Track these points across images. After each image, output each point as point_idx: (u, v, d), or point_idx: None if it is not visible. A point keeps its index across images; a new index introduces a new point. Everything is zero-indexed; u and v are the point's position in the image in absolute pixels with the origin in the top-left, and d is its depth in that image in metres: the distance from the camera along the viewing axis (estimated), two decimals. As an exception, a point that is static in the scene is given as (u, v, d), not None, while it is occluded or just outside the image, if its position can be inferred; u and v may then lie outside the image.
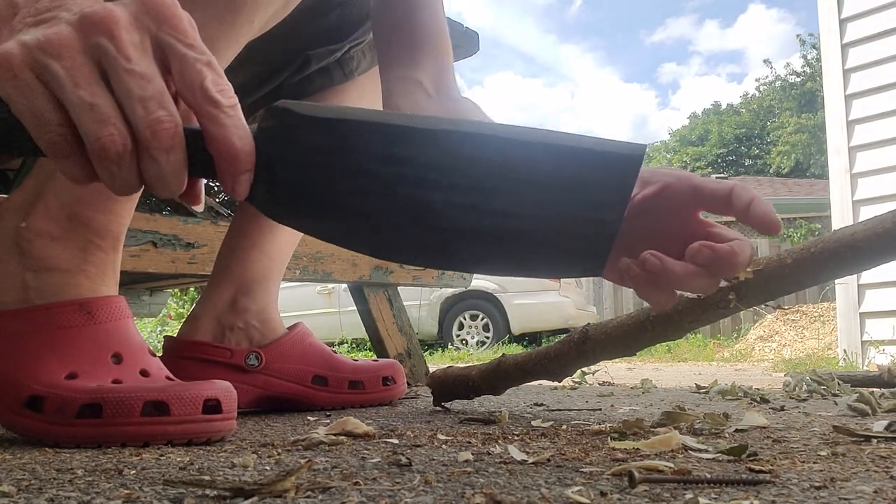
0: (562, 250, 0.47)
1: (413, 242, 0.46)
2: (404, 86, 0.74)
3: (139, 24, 0.43)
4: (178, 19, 0.44)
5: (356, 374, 1.01)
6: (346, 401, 1.00)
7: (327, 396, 0.98)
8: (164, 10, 0.43)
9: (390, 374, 1.04)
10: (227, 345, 0.94)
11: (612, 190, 0.45)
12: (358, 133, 0.43)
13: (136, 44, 0.42)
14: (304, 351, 0.98)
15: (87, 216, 0.66)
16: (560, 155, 0.44)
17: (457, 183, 0.44)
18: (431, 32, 0.78)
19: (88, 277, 0.66)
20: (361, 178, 0.44)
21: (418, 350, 1.80)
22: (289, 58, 0.99)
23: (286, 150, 0.43)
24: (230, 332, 0.95)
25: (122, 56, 0.42)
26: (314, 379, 0.98)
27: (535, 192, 0.45)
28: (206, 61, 0.43)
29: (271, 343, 0.96)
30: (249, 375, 0.93)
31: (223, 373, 0.90)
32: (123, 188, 0.43)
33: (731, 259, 0.53)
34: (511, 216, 0.45)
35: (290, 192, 0.44)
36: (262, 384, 0.95)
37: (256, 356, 0.94)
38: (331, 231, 0.46)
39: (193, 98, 0.43)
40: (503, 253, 0.47)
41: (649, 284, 0.54)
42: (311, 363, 0.98)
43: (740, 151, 24.93)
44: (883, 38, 3.36)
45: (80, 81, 0.41)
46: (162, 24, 0.43)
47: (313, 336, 1.02)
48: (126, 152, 0.42)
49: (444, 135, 0.44)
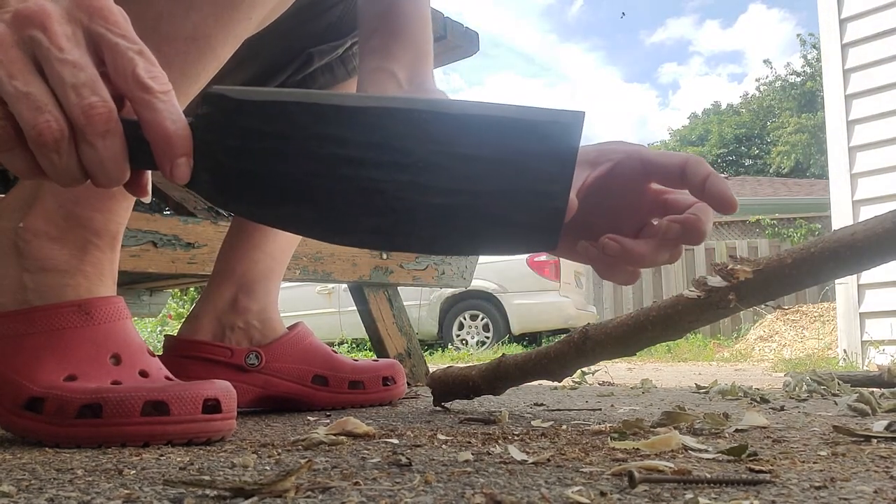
0: (514, 225, 0.46)
1: (362, 225, 0.46)
2: (378, 77, 0.74)
3: (71, 17, 0.44)
4: (108, 11, 0.45)
5: (356, 374, 1.01)
6: (347, 401, 1.00)
7: (327, 396, 0.98)
8: (96, 3, 0.45)
9: (391, 375, 1.04)
10: (228, 344, 0.94)
11: (555, 160, 0.45)
12: (291, 114, 0.43)
13: (68, 35, 0.44)
14: (305, 350, 0.98)
15: (85, 216, 0.66)
16: (497, 127, 0.44)
17: (398, 161, 0.44)
18: (411, 24, 0.78)
19: (86, 278, 0.66)
20: (302, 161, 0.44)
21: (418, 350, 1.80)
22: (291, 56, 0.99)
23: (225, 135, 0.44)
24: (230, 331, 0.95)
25: (55, 47, 0.43)
26: (314, 379, 0.97)
27: (477, 166, 0.44)
28: (137, 50, 0.44)
29: (272, 342, 0.96)
30: (249, 375, 0.93)
31: (223, 372, 0.90)
32: (65, 178, 0.44)
33: (698, 227, 0.54)
34: (458, 192, 0.45)
35: (232, 178, 0.44)
36: (263, 384, 0.94)
37: (257, 355, 0.94)
38: (278, 217, 0.46)
39: (126, 85, 0.44)
40: (456, 230, 0.46)
41: (611, 266, 0.56)
42: (312, 363, 0.98)
43: (740, 151, 24.93)
44: (883, 38, 3.36)
45: (15, 73, 0.42)
46: (94, 17, 0.44)
47: (314, 336, 1.02)
48: (63, 139, 0.43)
49: (375, 112, 0.43)
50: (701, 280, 0.72)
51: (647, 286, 7.91)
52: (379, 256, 1.66)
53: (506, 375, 0.90)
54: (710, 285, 0.71)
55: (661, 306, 0.75)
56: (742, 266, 0.69)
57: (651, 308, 0.77)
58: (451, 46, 1.64)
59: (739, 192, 13.16)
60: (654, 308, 0.76)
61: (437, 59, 1.71)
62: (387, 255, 1.68)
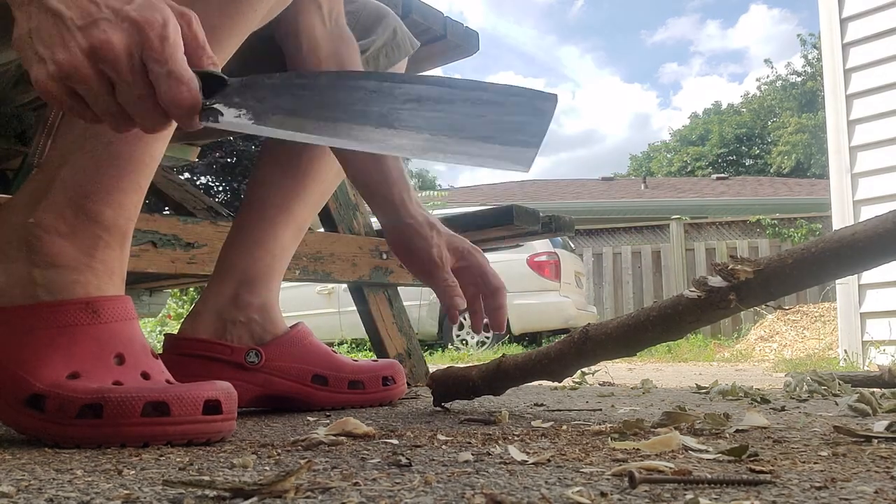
0: (496, 145, 0.56)
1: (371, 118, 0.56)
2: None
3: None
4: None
5: (356, 373, 1.00)
6: (346, 401, 0.99)
7: (327, 396, 0.98)
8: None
9: (390, 374, 1.04)
10: (229, 340, 0.94)
11: (535, 115, 0.56)
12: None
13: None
14: (305, 350, 0.98)
15: (95, 210, 0.66)
16: (503, 90, 0.57)
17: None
18: None
19: (96, 275, 0.67)
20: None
21: (418, 350, 1.80)
22: None
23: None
24: (232, 326, 0.95)
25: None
26: (314, 378, 0.97)
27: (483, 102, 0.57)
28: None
29: (272, 341, 0.96)
30: (249, 373, 0.93)
31: (223, 370, 0.90)
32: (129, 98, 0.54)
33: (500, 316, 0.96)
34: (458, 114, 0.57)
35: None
36: (263, 382, 0.94)
37: (257, 353, 0.93)
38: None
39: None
40: (451, 137, 0.56)
41: (444, 292, 0.93)
42: (312, 362, 0.97)
43: (741, 151, 24.92)
44: (883, 38, 3.36)
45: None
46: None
47: (313, 336, 1.01)
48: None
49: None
50: (701, 280, 0.72)
51: (647, 286, 7.91)
52: (379, 256, 1.66)
53: (506, 375, 0.90)
54: (711, 285, 0.71)
55: (662, 306, 0.75)
56: (742, 266, 0.69)
57: (651, 308, 0.77)
58: (451, 46, 1.64)
59: (740, 192, 13.17)
60: (654, 308, 0.76)
61: (438, 58, 1.71)
62: (387, 256, 1.68)
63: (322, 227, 1.75)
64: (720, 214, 9.83)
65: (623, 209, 11.88)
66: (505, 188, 15.53)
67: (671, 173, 24.20)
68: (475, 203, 10.57)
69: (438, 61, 1.72)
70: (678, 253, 7.90)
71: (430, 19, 1.56)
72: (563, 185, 16.12)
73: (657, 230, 8.51)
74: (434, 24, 1.57)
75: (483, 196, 13.26)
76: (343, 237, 1.61)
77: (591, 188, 15.01)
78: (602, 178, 18.33)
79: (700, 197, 12.68)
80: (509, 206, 1.69)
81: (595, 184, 16.28)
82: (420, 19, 1.53)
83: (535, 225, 1.74)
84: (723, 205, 11.59)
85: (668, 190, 14.36)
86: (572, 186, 15.49)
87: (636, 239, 8.53)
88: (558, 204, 11.85)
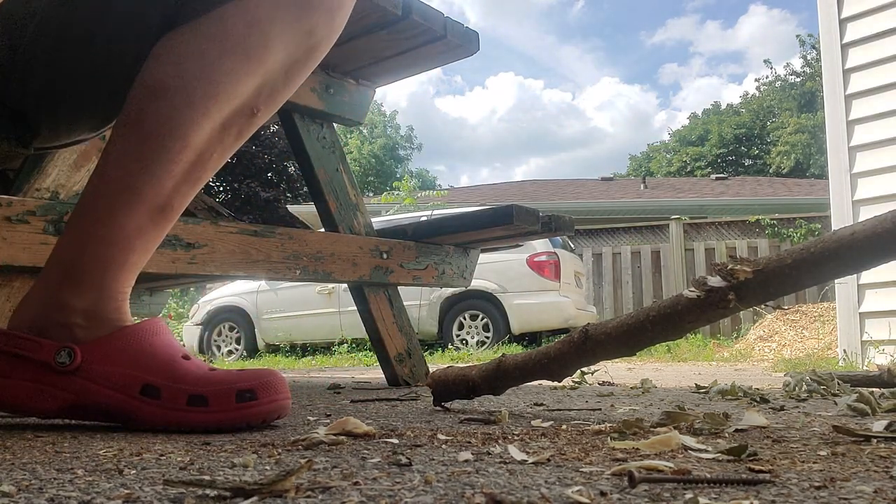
0: None
1: None
2: None
3: None
4: None
5: (200, 386, 0.77)
6: (183, 420, 0.76)
7: (157, 412, 0.76)
8: None
9: (251, 387, 0.77)
10: (37, 336, 0.77)
11: None
12: None
13: None
14: (140, 353, 0.78)
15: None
16: None
17: None
18: None
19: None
20: None
21: (418, 350, 1.80)
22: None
23: None
24: (52, 327, 0.78)
25: None
26: (144, 389, 0.76)
27: None
28: None
29: (96, 340, 0.78)
30: (60, 377, 0.76)
31: (26, 370, 0.76)
32: None
33: None
34: None
35: None
36: (78, 389, 0.76)
37: (69, 353, 0.76)
38: None
39: None
40: None
41: None
42: (145, 368, 0.77)
43: (740, 151, 24.94)
44: (883, 38, 3.36)
45: None
46: None
47: (165, 335, 0.82)
48: None
49: None
50: (701, 280, 0.72)
51: (646, 286, 7.91)
52: (379, 256, 1.66)
53: (506, 375, 0.90)
54: (710, 285, 0.71)
55: (661, 306, 0.75)
56: (742, 266, 0.69)
57: (651, 308, 0.77)
58: (451, 46, 1.64)
59: (739, 192, 13.16)
60: (654, 308, 0.76)
61: (438, 58, 1.71)
62: (387, 255, 1.68)
63: (322, 226, 1.75)
64: (719, 214, 9.84)
65: (623, 209, 11.89)
66: (505, 188, 15.53)
67: (671, 173, 24.22)
68: (475, 203, 10.57)
69: (438, 61, 1.73)
70: (677, 253, 7.90)
71: (430, 19, 1.56)
72: (563, 185, 16.13)
73: (657, 230, 8.51)
74: (434, 24, 1.57)
75: (483, 196, 13.27)
76: (343, 237, 1.61)
77: (591, 188, 15.02)
78: (602, 178, 18.34)
79: (699, 197, 12.69)
80: (509, 205, 1.69)
81: (595, 184, 16.28)
82: (420, 19, 1.53)
83: (535, 225, 1.74)
84: (722, 205, 11.59)
85: (667, 190, 14.37)
86: (572, 186, 15.50)
87: (636, 239, 8.53)
88: (558, 204, 11.85)
